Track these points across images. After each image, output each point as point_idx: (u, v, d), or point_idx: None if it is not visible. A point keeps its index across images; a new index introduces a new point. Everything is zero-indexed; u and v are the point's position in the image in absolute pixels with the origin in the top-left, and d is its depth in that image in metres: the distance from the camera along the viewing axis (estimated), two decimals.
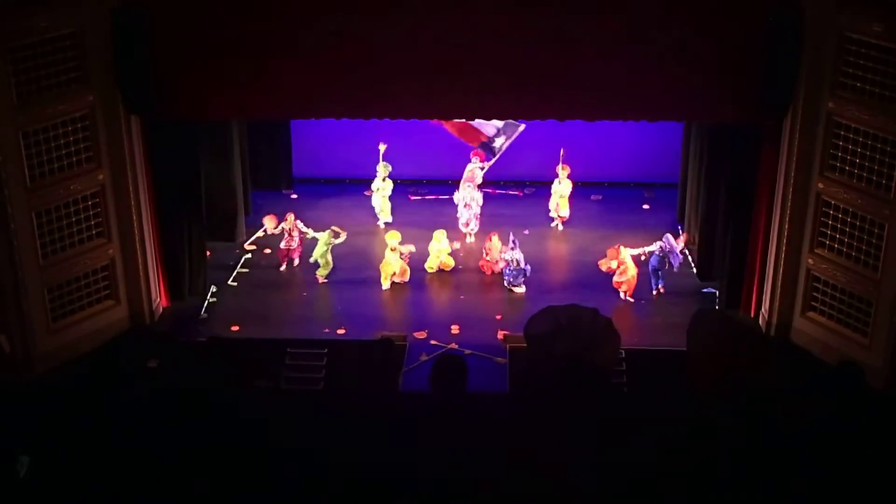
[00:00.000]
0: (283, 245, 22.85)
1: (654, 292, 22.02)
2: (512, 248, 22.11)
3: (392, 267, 22.21)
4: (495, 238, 22.70)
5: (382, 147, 24.07)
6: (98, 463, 15.70)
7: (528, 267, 22.19)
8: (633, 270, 21.78)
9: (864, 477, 15.00)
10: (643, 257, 22.01)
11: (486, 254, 22.85)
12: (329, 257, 22.54)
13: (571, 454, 14.33)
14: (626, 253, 21.81)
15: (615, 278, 21.94)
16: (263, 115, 22.51)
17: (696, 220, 22.91)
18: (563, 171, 24.14)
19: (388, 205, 24.42)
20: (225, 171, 23.32)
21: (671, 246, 21.81)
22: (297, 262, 22.94)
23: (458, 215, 23.91)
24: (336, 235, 22.56)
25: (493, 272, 22.65)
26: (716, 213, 21.84)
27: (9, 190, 18.56)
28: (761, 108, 19.25)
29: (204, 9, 19.03)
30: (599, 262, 22.12)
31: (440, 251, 22.82)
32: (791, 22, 18.53)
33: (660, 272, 22.01)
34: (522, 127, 22.80)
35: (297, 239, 22.77)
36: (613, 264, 21.89)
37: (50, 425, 16.77)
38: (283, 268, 22.92)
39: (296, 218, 22.78)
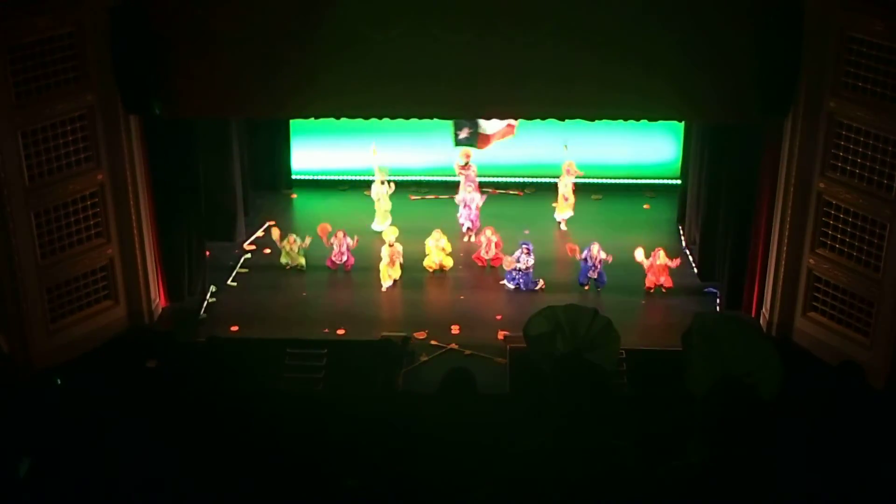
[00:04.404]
0: (334, 257, 22.65)
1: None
2: (527, 254, 22.03)
3: (390, 268, 22.15)
4: (489, 233, 22.80)
5: (375, 150, 23.90)
6: (97, 463, 15.69)
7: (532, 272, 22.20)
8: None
9: (864, 476, 14.97)
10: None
11: (487, 250, 22.79)
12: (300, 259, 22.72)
13: (572, 453, 14.30)
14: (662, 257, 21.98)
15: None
16: (263, 115, 22.45)
17: (697, 220, 22.86)
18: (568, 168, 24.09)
19: (386, 206, 24.05)
20: (224, 171, 23.27)
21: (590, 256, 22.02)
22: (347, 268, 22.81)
23: (459, 215, 23.89)
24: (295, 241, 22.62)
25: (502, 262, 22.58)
26: (717, 213, 21.80)
27: (7, 190, 18.52)
28: (762, 108, 19.21)
29: (203, 8, 18.99)
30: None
31: (438, 249, 22.69)
32: (791, 21, 18.50)
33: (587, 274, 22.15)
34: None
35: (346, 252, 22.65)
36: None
37: (49, 425, 16.76)
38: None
39: (345, 235, 22.60)
